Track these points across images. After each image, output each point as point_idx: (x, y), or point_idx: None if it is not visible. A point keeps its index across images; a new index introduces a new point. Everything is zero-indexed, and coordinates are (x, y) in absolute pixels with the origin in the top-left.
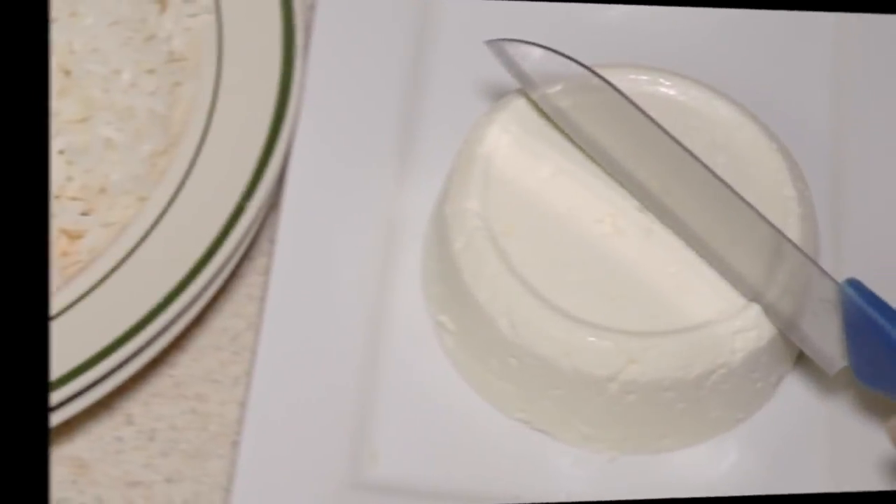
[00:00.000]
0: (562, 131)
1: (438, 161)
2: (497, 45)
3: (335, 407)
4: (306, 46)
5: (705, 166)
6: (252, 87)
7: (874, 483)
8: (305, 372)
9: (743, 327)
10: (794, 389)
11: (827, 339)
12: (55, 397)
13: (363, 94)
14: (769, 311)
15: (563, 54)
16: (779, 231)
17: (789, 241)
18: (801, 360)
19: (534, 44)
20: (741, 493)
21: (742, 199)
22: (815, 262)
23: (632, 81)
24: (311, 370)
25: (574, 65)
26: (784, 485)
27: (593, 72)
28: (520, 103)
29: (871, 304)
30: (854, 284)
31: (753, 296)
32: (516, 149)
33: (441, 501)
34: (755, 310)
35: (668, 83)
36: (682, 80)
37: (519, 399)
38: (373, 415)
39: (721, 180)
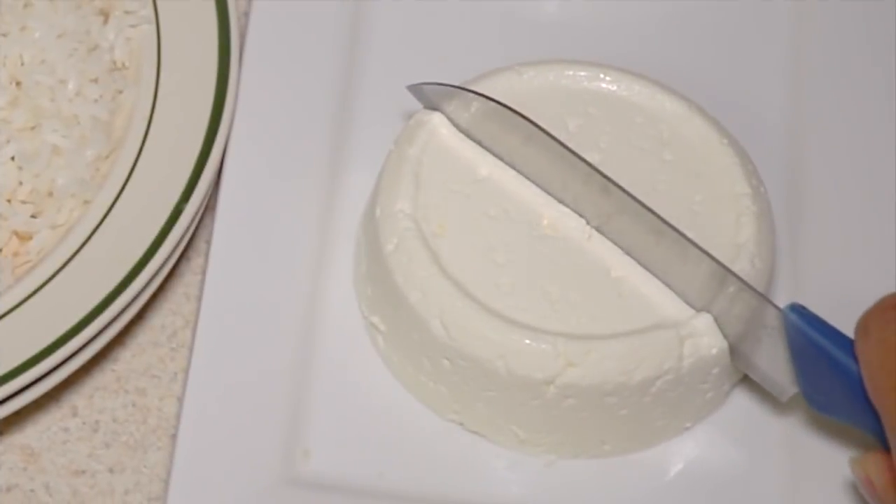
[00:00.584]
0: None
1: (370, 163)
2: (416, 90)
3: (269, 403)
4: (241, 54)
5: (639, 202)
6: (189, 94)
7: (830, 493)
8: (240, 369)
9: (693, 333)
10: (747, 398)
11: (776, 366)
12: (6, 389)
13: (295, 98)
14: (721, 323)
15: (482, 95)
16: (720, 263)
17: (730, 271)
18: None
19: (450, 86)
20: (686, 495)
21: (681, 233)
22: (757, 291)
23: (570, 78)
24: (246, 367)
25: (492, 104)
26: (729, 491)
27: (516, 112)
28: (450, 107)
29: (814, 328)
30: (797, 309)
31: (702, 305)
32: (448, 150)
33: (373, 498)
34: (706, 318)
35: (609, 78)
36: (623, 74)
37: (452, 401)
38: (306, 412)
39: (658, 216)
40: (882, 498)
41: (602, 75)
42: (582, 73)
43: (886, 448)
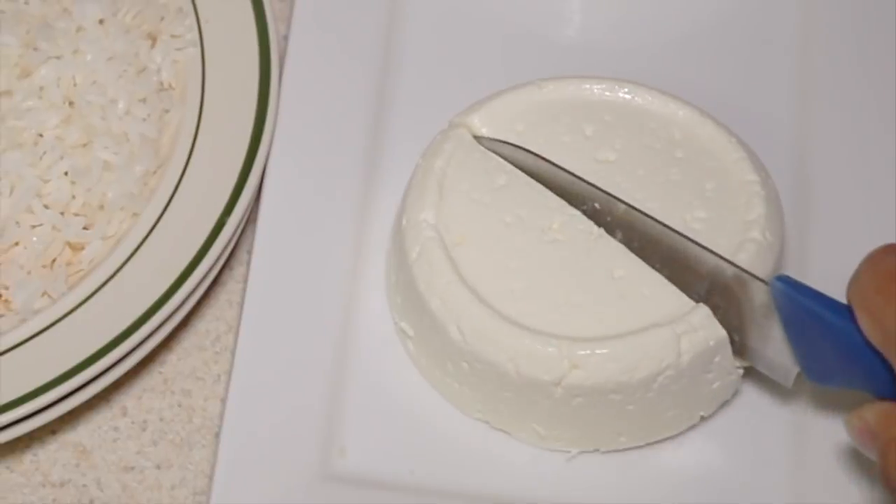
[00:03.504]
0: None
1: (401, 176)
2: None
3: (307, 404)
4: (280, 75)
5: (643, 213)
6: (231, 113)
7: (840, 478)
8: (280, 371)
9: (689, 329)
10: (762, 385)
11: (775, 349)
12: (60, 390)
13: (331, 117)
14: (718, 313)
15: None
16: (708, 249)
17: (719, 255)
18: None
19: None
20: (704, 488)
21: (682, 235)
22: (744, 269)
23: (588, 91)
24: (285, 370)
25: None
26: (748, 479)
27: (535, 154)
28: (474, 119)
29: (802, 294)
30: (783, 279)
31: (700, 298)
32: (471, 161)
33: (404, 493)
34: (702, 311)
35: (625, 90)
36: (638, 86)
37: (476, 401)
38: (342, 412)
39: (660, 222)
40: (882, 447)
41: (618, 87)
42: (599, 86)
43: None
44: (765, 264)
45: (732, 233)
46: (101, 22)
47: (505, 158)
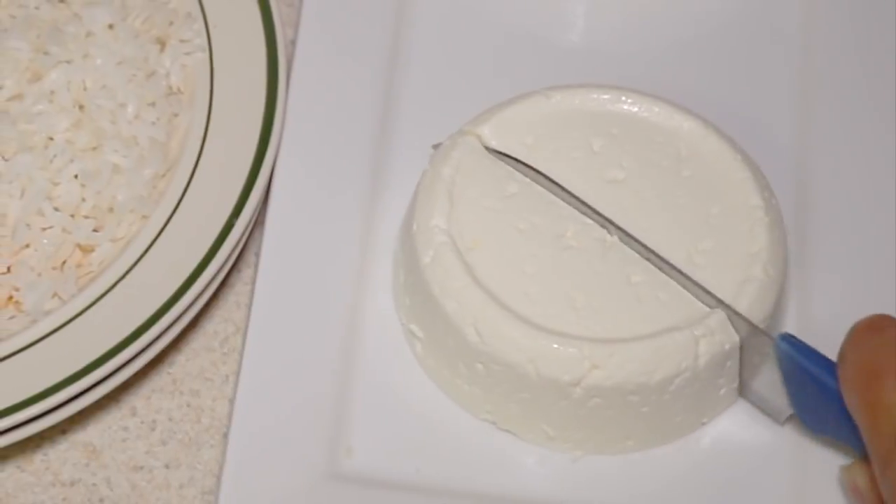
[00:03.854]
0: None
1: (407, 181)
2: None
3: (314, 404)
4: (288, 80)
5: (644, 246)
6: (239, 117)
7: (839, 490)
8: (287, 372)
9: (706, 332)
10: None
11: (771, 391)
12: (70, 391)
13: (338, 122)
14: (732, 318)
15: (526, 165)
16: (717, 298)
17: (727, 305)
18: None
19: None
20: (702, 495)
21: (684, 275)
22: (750, 322)
23: (595, 101)
24: (293, 371)
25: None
26: (746, 487)
27: (540, 172)
28: (484, 129)
29: (803, 355)
30: (787, 339)
31: (716, 304)
32: (480, 169)
33: (411, 493)
34: (719, 315)
35: (630, 101)
36: (643, 97)
37: (486, 402)
38: (349, 413)
39: (666, 262)
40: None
41: (623, 98)
42: (605, 97)
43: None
44: (766, 303)
45: (735, 267)
46: (110, 27)
47: (516, 169)
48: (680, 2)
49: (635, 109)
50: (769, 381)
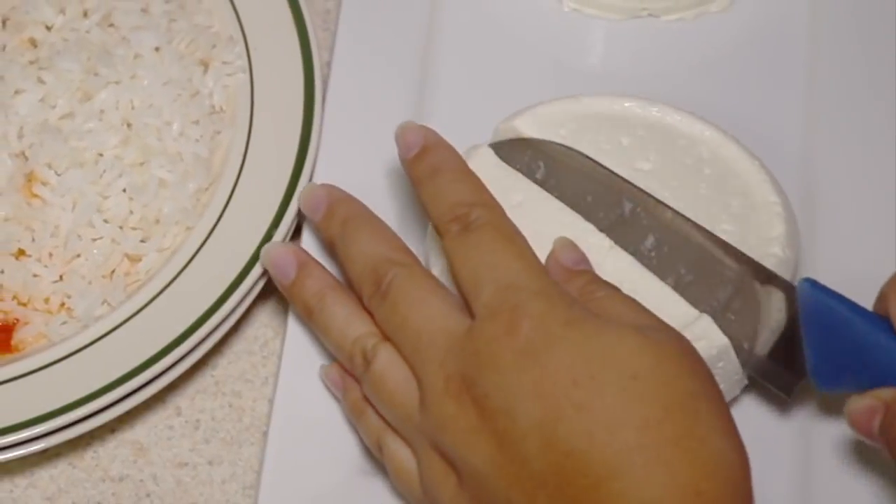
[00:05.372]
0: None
1: None
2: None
3: None
4: (323, 99)
5: (679, 214)
6: (278, 134)
7: (845, 481)
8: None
9: (694, 337)
10: (761, 393)
11: (785, 356)
12: (119, 392)
13: (370, 137)
14: (721, 322)
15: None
16: (741, 253)
17: (750, 259)
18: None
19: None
20: None
21: (716, 237)
22: (772, 272)
23: (621, 106)
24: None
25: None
26: (754, 482)
27: (579, 152)
28: (518, 120)
29: (828, 295)
30: (810, 281)
31: (705, 308)
32: (491, 179)
33: None
34: (705, 321)
35: (655, 109)
36: (666, 106)
37: None
38: None
39: (702, 228)
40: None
41: (648, 105)
42: (631, 103)
43: None
44: (784, 277)
45: (755, 247)
46: (156, 49)
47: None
48: (691, 27)
49: (660, 115)
50: (784, 345)
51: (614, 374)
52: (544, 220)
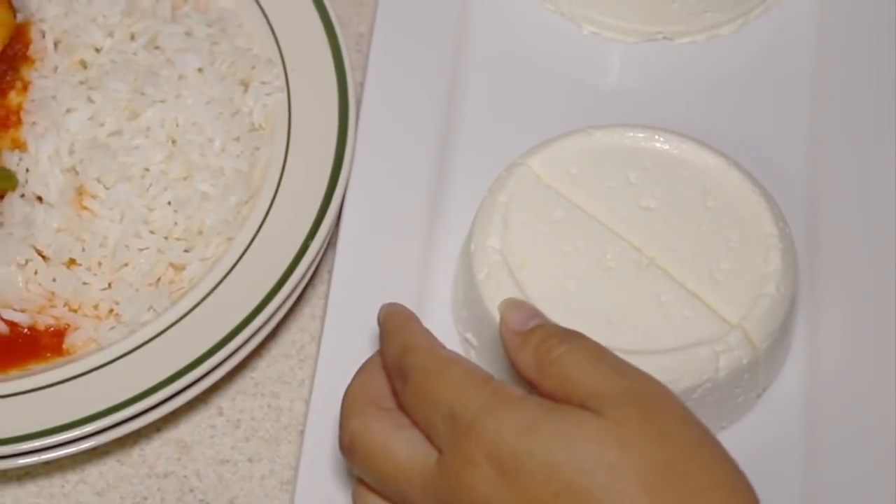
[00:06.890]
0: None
1: (466, 208)
2: None
3: None
4: (357, 117)
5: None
6: (314, 150)
7: (853, 488)
8: None
9: (727, 348)
10: (774, 402)
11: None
12: (165, 392)
13: (404, 154)
14: (749, 337)
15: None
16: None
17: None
18: (781, 376)
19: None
20: None
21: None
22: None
23: (631, 139)
24: None
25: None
26: (761, 486)
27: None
28: (534, 161)
29: None
30: None
31: (737, 321)
32: (531, 196)
33: None
34: (738, 334)
35: (661, 139)
36: (673, 135)
37: None
38: None
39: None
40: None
41: (656, 136)
42: (640, 135)
43: None
44: (777, 315)
45: (751, 285)
46: (200, 70)
47: (562, 194)
48: (703, 49)
49: (666, 147)
50: None
51: (589, 475)
52: (584, 236)
